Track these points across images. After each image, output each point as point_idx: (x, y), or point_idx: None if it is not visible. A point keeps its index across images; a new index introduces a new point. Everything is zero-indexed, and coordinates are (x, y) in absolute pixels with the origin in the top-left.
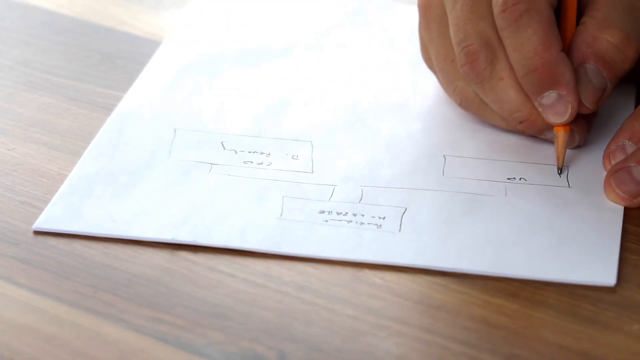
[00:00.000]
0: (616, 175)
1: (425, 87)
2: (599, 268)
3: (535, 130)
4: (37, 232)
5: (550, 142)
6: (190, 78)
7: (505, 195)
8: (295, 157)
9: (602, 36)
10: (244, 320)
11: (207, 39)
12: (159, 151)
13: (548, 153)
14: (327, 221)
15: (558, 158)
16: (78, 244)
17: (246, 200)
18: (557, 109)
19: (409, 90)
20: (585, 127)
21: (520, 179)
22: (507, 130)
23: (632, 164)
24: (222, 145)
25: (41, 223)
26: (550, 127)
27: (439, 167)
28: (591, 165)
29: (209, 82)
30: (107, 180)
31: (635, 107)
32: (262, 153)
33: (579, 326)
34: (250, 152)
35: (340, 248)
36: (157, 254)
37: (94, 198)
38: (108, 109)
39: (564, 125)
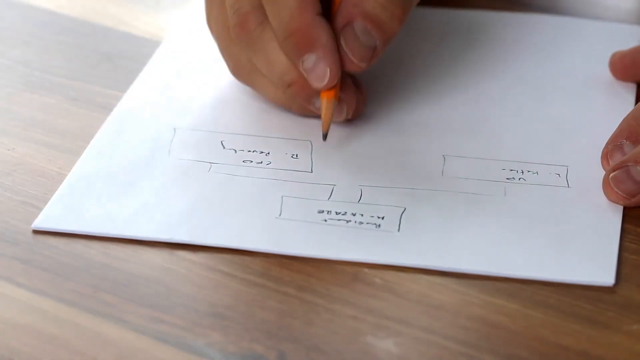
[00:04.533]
0: (615, 174)
1: (425, 87)
2: (598, 268)
3: (304, 97)
4: (37, 232)
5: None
6: (190, 77)
7: (505, 195)
8: (294, 156)
9: None
10: (244, 320)
11: (207, 38)
12: (159, 150)
13: (547, 153)
14: (325, 220)
15: (323, 124)
16: (78, 244)
17: (245, 200)
18: (317, 72)
19: (409, 90)
20: (353, 100)
21: (519, 179)
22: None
23: (630, 164)
24: (222, 144)
25: (40, 222)
26: (317, 94)
27: (438, 167)
28: (590, 165)
29: (209, 81)
30: (107, 180)
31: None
32: (262, 152)
33: (579, 326)
34: (249, 151)
35: (338, 248)
36: (157, 254)
37: (93, 197)
38: (108, 109)
39: (328, 90)
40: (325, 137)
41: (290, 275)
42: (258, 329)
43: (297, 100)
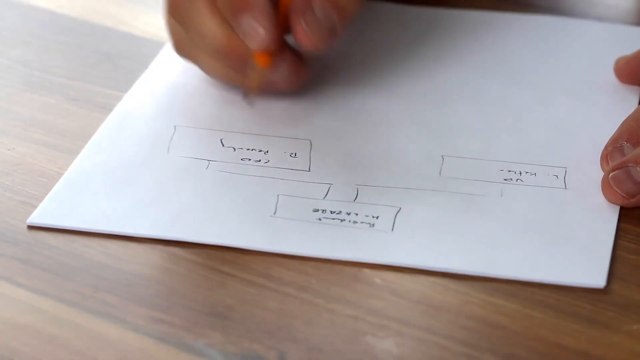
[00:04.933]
0: (615, 174)
1: (425, 87)
2: (590, 269)
3: (237, 62)
4: (36, 232)
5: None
6: (191, 76)
7: (501, 196)
8: (293, 155)
9: None
10: (244, 320)
11: None
12: (158, 147)
13: (546, 155)
14: (320, 219)
15: (250, 87)
16: (78, 244)
17: (241, 198)
18: (251, 33)
19: (409, 90)
20: (292, 61)
21: (517, 180)
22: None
23: (630, 164)
24: (221, 142)
25: (35, 217)
26: (251, 60)
27: (436, 167)
28: (589, 167)
29: (209, 80)
30: (105, 176)
31: None
32: (261, 151)
33: (579, 326)
34: (248, 149)
35: (331, 247)
36: (157, 254)
37: (90, 194)
38: (108, 109)
39: (261, 55)
40: (249, 102)
41: (290, 275)
42: (258, 329)
43: (233, 68)
